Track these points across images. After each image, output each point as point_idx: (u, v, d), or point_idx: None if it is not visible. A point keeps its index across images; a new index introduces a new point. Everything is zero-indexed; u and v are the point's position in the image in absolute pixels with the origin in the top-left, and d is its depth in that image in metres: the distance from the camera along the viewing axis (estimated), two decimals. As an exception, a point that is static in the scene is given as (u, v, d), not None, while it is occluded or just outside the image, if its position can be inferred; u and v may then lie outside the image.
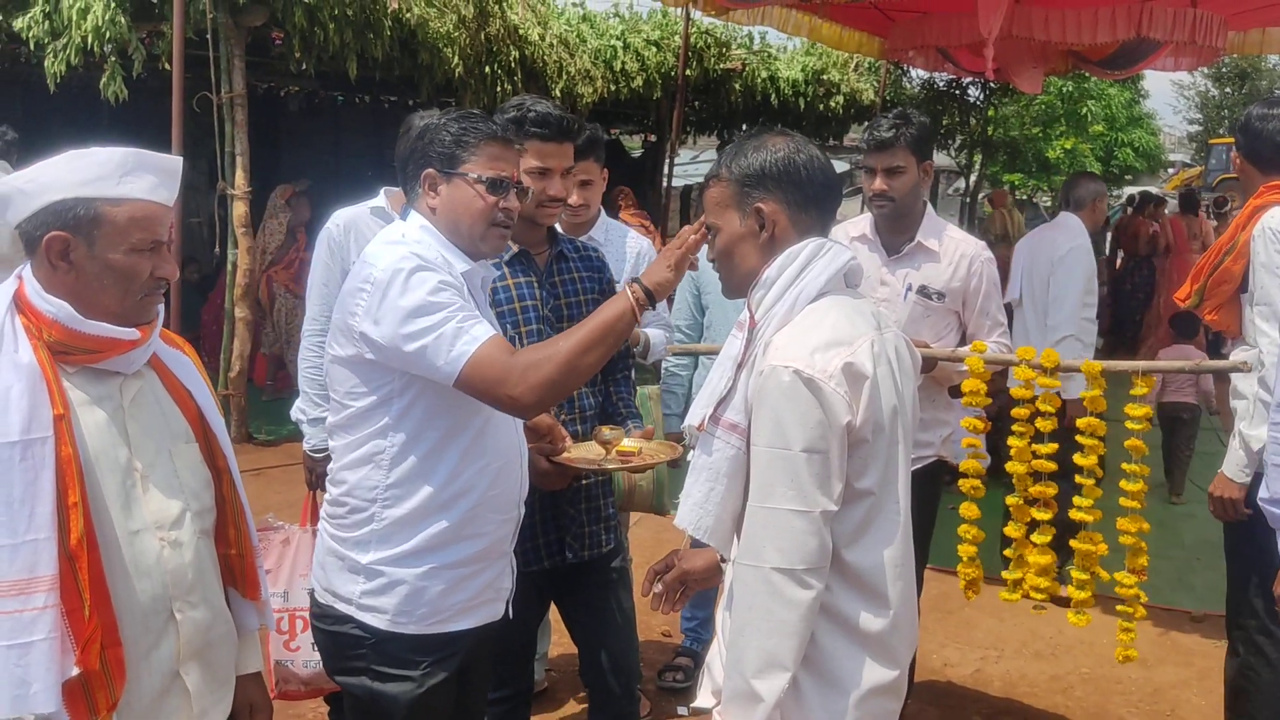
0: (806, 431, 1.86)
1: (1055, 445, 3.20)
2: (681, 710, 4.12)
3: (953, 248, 3.52)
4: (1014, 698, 4.33)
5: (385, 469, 2.27)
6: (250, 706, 2.22)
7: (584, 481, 2.89)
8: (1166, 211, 13.54)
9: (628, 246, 3.89)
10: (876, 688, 1.96)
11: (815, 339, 1.91)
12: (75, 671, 1.80)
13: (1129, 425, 3.13)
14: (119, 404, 1.94)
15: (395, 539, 2.28)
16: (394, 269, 2.19)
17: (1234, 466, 3.21)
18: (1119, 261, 13.19)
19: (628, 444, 2.75)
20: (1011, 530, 3.32)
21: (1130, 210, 13.87)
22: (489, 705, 2.81)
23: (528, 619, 2.92)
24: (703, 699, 2.14)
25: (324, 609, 2.36)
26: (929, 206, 3.62)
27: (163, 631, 1.96)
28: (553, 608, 3.16)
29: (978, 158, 16.09)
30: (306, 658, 3.34)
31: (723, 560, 2.15)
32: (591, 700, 3.14)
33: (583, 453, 2.75)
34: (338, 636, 2.35)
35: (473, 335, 2.16)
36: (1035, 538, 3.28)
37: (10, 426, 1.76)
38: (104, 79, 6.75)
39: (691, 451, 2.13)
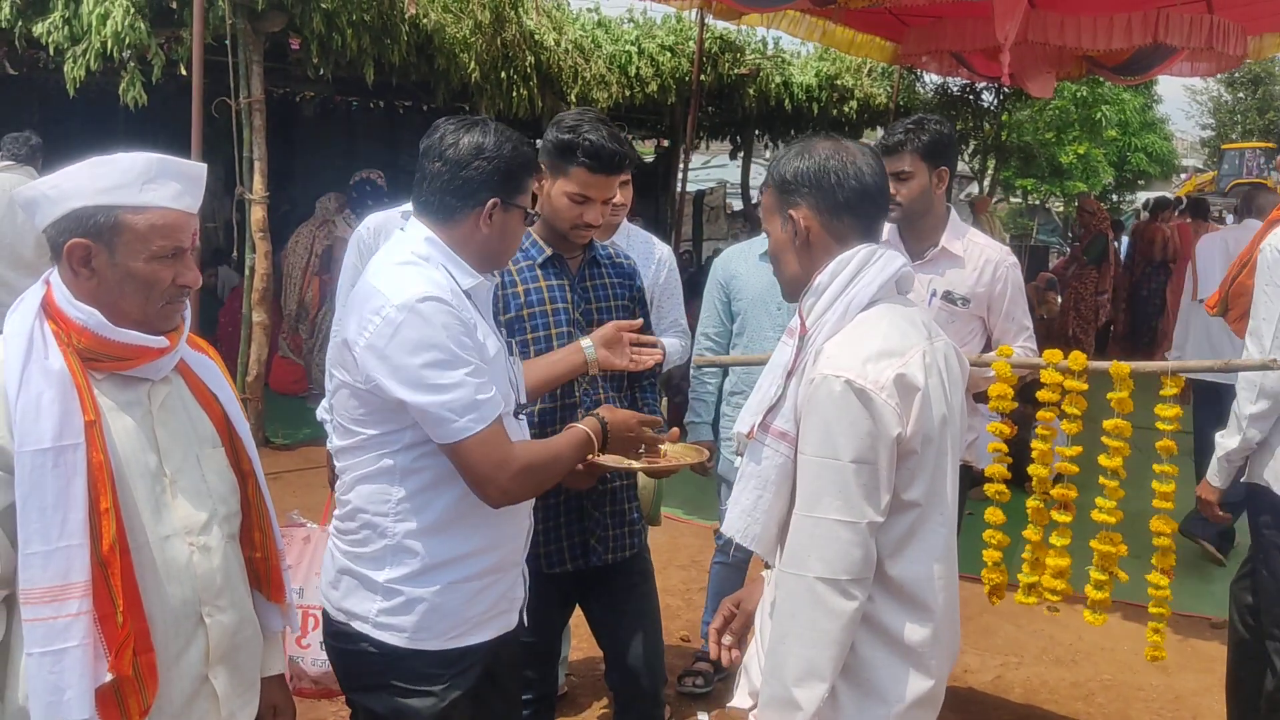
0: (856, 442, 1.86)
1: (1079, 448, 3.19)
2: (702, 716, 4.11)
3: (977, 253, 3.52)
4: (1035, 704, 4.31)
5: (397, 484, 2.22)
6: (274, 709, 2.24)
7: (610, 484, 2.89)
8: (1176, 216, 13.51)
9: (653, 254, 3.90)
10: (915, 700, 1.96)
11: (867, 348, 1.90)
12: (108, 677, 1.80)
13: (1159, 426, 3.13)
14: (147, 410, 1.95)
15: (410, 555, 2.22)
16: (411, 305, 2.10)
17: (1211, 471, 3.49)
18: (1136, 266, 13.14)
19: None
20: (1030, 533, 3.30)
21: (1147, 215, 13.83)
22: None
23: (551, 622, 2.93)
24: (739, 699, 2.14)
25: (339, 628, 2.30)
26: (953, 211, 3.61)
27: (192, 636, 1.96)
28: (575, 612, 3.16)
29: (991, 163, 16.04)
30: (316, 655, 3.35)
31: (766, 566, 2.15)
32: (617, 703, 3.15)
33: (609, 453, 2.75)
34: (354, 655, 2.29)
35: (483, 414, 2.12)
36: (1054, 539, 3.26)
37: (42, 434, 1.76)
38: (123, 84, 6.77)
39: (737, 459, 2.13)
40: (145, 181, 1.86)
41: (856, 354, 1.90)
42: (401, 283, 2.14)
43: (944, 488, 1.96)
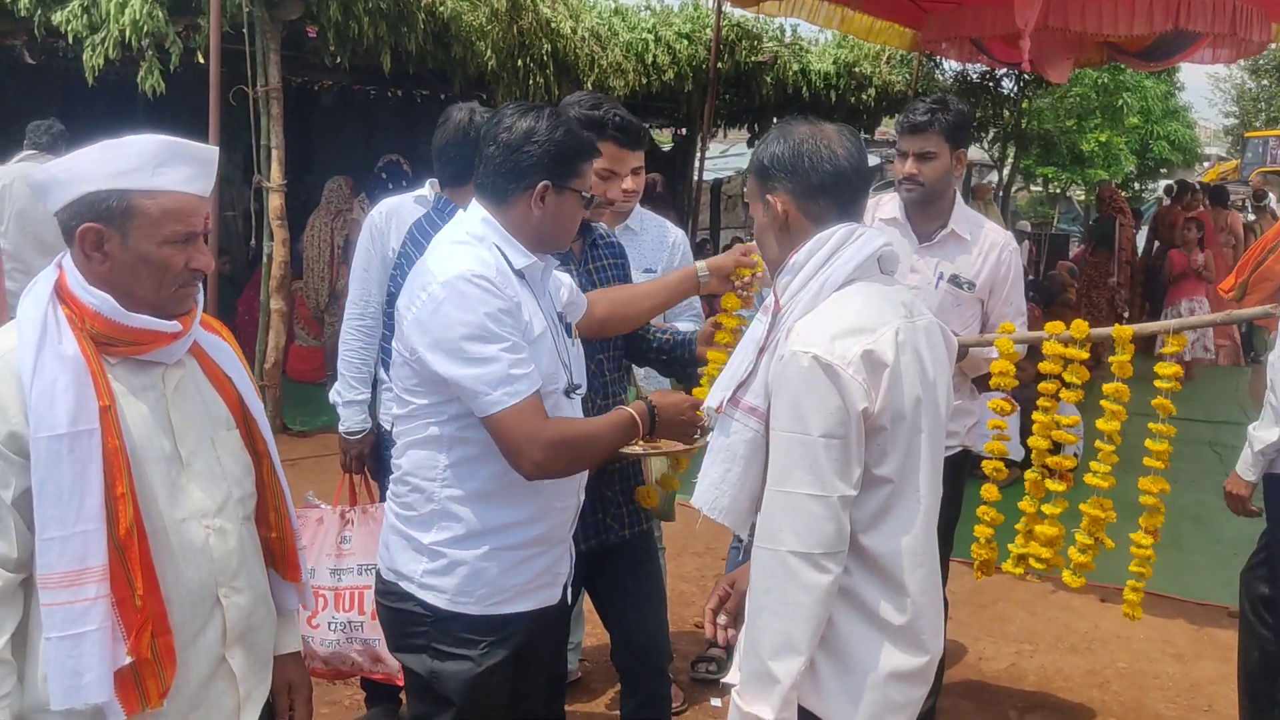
0: (824, 417, 1.87)
1: (1078, 418, 3.16)
2: (714, 702, 4.12)
3: (984, 237, 3.52)
4: (1049, 692, 4.31)
5: (445, 450, 2.30)
6: (289, 686, 2.25)
7: (619, 462, 2.90)
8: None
9: (666, 237, 3.89)
10: (895, 673, 1.98)
11: (837, 325, 1.92)
12: (127, 660, 1.82)
13: (1157, 384, 3.06)
14: (162, 394, 1.95)
15: (454, 520, 2.31)
16: (453, 282, 2.19)
17: (1243, 465, 3.42)
18: (1154, 251, 13.04)
19: None
20: (1025, 505, 3.25)
21: (1169, 200, 13.71)
22: None
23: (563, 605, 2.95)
24: (731, 676, 2.16)
25: (388, 586, 2.40)
26: (958, 195, 3.61)
27: (209, 617, 1.98)
28: (585, 599, 3.18)
29: (1011, 151, 15.94)
30: (325, 636, 3.38)
31: (740, 542, 2.18)
32: (624, 682, 3.17)
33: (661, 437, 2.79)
34: (400, 614, 2.38)
35: (517, 389, 2.18)
36: (1047, 509, 3.20)
37: (58, 419, 1.77)
38: (141, 73, 6.80)
39: (710, 435, 2.14)
40: (157, 165, 1.85)
41: (826, 330, 1.91)
42: (449, 260, 2.24)
43: (918, 465, 1.98)
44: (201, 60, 6.79)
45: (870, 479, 1.94)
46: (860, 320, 1.93)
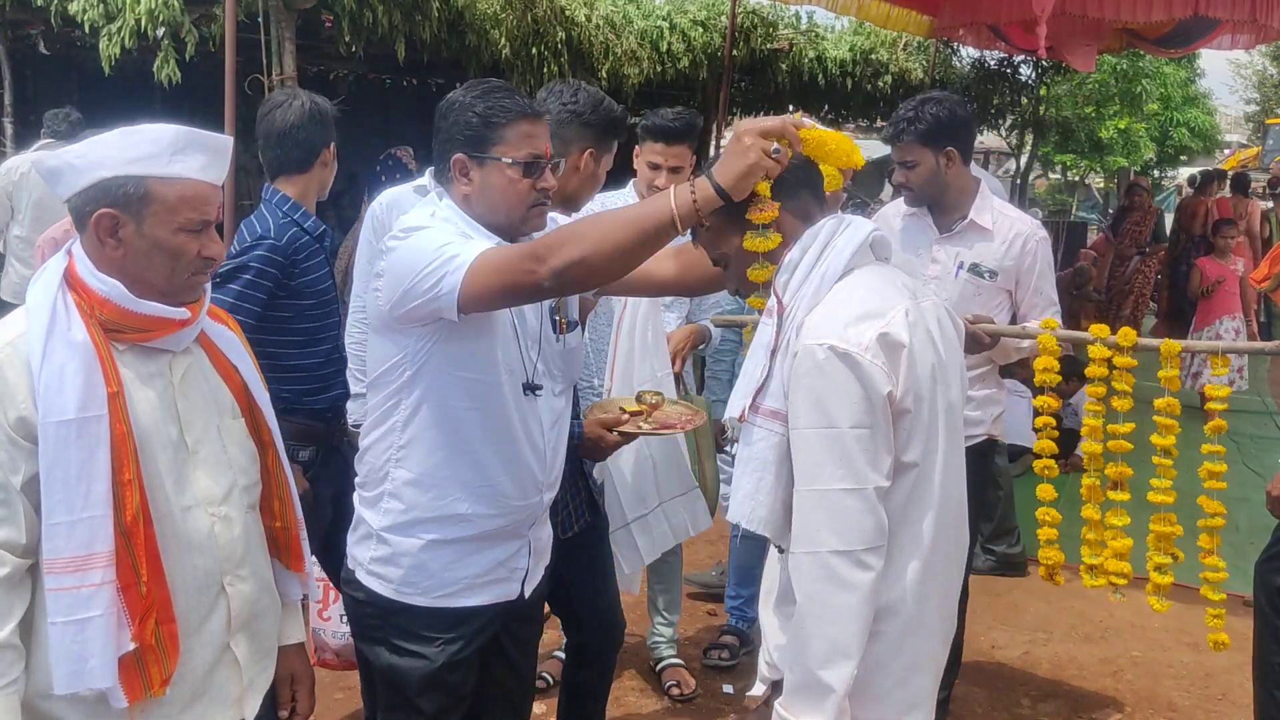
0: (849, 408, 1.83)
1: (1132, 425, 3.12)
2: (727, 689, 4.13)
3: (1006, 226, 3.49)
4: (1062, 680, 4.29)
5: (400, 430, 2.26)
6: (292, 677, 2.25)
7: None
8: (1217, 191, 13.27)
9: None
10: (916, 665, 1.95)
11: (847, 314, 1.88)
12: (131, 646, 1.82)
13: (1209, 407, 3.06)
14: (169, 381, 1.95)
15: (398, 501, 2.28)
16: (411, 228, 2.18)
17: None
18: (1181, 242, 12.93)
19: (640, 403, 2.86)
20: (1088, 512, 3.21)
21: (1191, 190, 13.58)
22: None
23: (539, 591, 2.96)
24: (755, 689, 2.14)
25: (348, 573, 2.40)
26: (984, 183, 3.58)
27: (214, 605, 1.98)
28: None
29: (1029, 138, 15.85)
30: (337, 628, 3.40)
31: (779, 549, 2.12)
32: (579, 655, 3.23)
33: (599, 414, 2.85)
34: (356, 603, 2.38)
35: (471, 249, 2.08)
36: (1110, 519, 3.18)
37: (66, 405, 1.78)
38: (157, 62, 6.82)
39: (733, 444, 2.13)
40: (174, 152, 1.85)
41: (837, 320, 1.88)
42: (412, 218, 2.24)
43: (937, 446, 1.93)
44: (217, 49, 6.80)
45: (898, 466, 1.90)
46: (868, 305, 1.90)
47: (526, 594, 2.46)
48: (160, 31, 6.74)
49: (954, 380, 2.00)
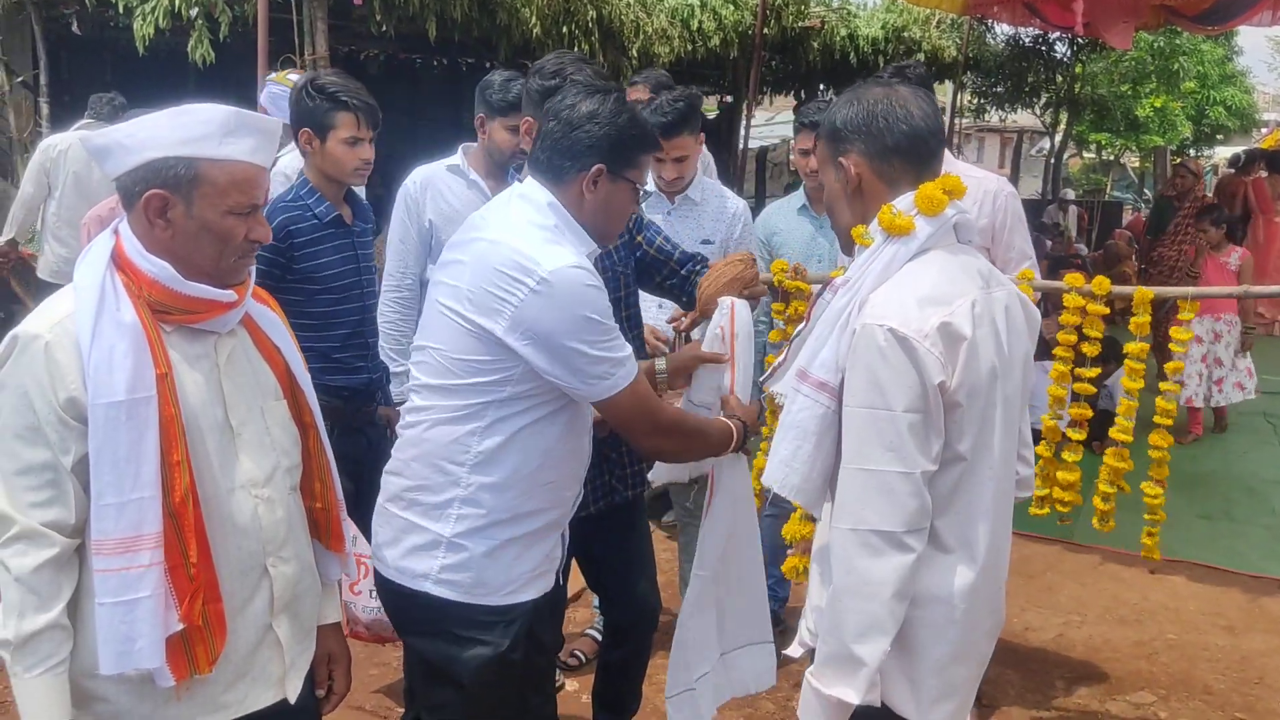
0: (904, 391, 1.82)
1: (1098, 370, 3.37)
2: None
3: (975, 186, 3.45)
4: (1096, 662, 4.28)
5: (480, 435, 2.20)
6: (330, 656, 2.26)
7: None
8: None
9: (727, 208, 3.90)
10: (957, 655, 1.94)
11: (913, 296, 1.86)
12: (179, 627, 1.83)
13: (1172, 348, 3.37)
14: (215, 363, 1.96)
15: (477, 507, 2.23)
16: (571, 277, 2.11)
17: None
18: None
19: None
20: (1041, 450, 3.43)
21: (1234, 170, 13.35)
22: None
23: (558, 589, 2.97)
24: (792, 650, 2.14)
25: (403, 589, 2.31)
26: (946, 151, 3.58)
27: (257, 586, 2.00)
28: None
29: (1064, 116, 15.69)
30: (367, 603, 3.41)
31: (813, 519, 2.13)
32: (614, 635, 3.25)
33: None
34: (411, 603, 2.31)
35: (630, 370, 2.21)
36: (1065, 455, 3.47)
37: (116, 386, 1.78)
38: (191, 42, 6.86)
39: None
40: (225, 134, 1.85)
41: (901, 302, 1.85)
42: (546, 250, 2.14)
43: (991, 441, 1.91)
44: (249, 30, 6.82)
45: (945, 455, 1.89)
46: (936, 291, 1.87)
47: (561, 581, 2.51)
48: (194, 12, 6.77)
49: (1015, 372, 1.97)
